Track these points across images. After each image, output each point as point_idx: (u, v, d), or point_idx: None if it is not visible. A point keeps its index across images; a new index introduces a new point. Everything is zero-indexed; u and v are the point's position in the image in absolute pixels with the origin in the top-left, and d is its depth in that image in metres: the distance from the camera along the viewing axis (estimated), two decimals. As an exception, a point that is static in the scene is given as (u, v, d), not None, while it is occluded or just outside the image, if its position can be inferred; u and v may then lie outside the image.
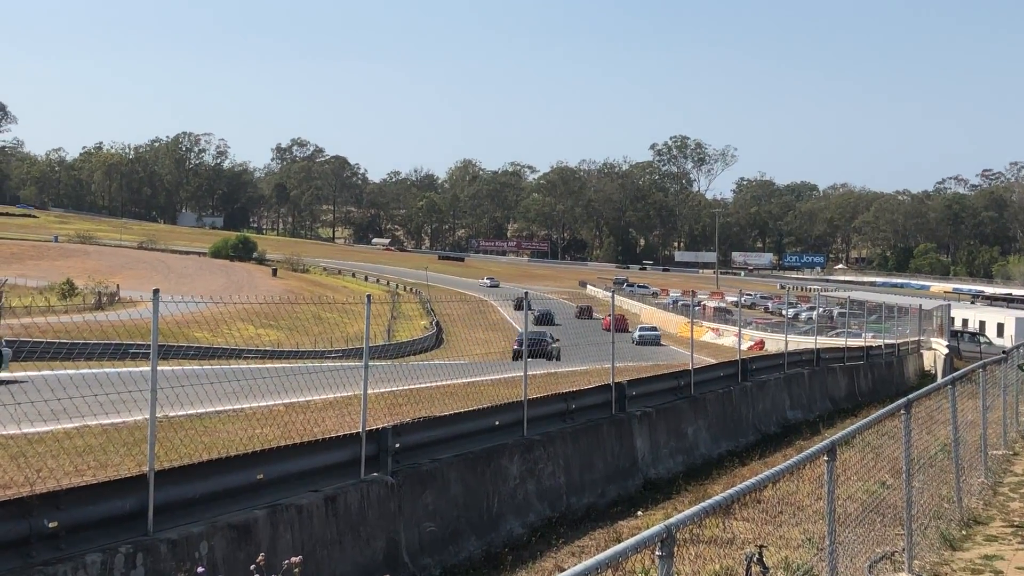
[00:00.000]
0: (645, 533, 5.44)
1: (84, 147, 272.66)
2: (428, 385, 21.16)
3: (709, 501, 6.29)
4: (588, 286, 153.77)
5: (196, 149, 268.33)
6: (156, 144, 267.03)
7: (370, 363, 13.23)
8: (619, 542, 5.39)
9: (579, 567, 4.76)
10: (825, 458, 8.37)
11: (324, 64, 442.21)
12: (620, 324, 72.49)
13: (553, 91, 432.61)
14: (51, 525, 8.92)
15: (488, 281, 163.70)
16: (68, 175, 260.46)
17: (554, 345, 34.10)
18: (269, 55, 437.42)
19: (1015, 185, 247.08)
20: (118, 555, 9.20)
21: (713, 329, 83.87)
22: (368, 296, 13.16)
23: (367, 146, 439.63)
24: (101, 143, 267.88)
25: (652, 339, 73.00)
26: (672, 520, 5.65)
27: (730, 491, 6.64)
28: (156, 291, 9.64)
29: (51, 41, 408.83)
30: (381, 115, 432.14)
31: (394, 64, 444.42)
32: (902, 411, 10.92)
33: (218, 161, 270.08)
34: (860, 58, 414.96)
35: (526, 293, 19.72)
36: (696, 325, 77.35)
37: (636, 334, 74.57)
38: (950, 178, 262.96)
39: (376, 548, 12.33)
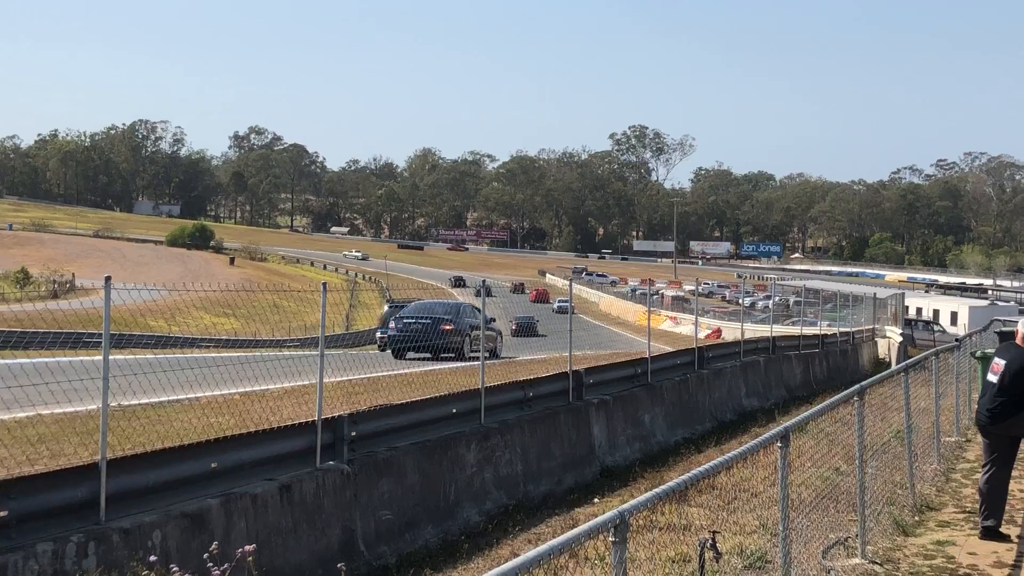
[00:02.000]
0: (599, 519, 5.45)
1: (39, 134, 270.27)
2: (386, 374, 21.13)
3: (662, 487, 6.31)
4: (548, 275, 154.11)
5: (153, 137, 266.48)
6: (112, 131, 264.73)
7: (329, 352, 13.19)
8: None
9: (532, 553, 4.76)
10: (779, 444, 8.41)
11: (282, 52, 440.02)
12: (543, 296, 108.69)
13: (512, 80, 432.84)
14: (1, 514, 8.83)
15: (357, 254, 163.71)
16: (23, 162, 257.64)
17: (537, 323, 45.83)
18: (226, 42, 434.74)
19: (969, 175, 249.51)
20: (70, 544, 9.11)
21: (671, 318, 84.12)
22: (324, 284, 13.12)
23: (326, 135, 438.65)
24: (56, 130, 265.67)
25: (567, 309, 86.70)
26: (625, 506, 5.66)
27: (683, 477, 6.66)
28: (108, 278, 9.56)
29: (3, 25, 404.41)
30: (340, 103, 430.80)
31: (352, 52, 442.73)
32: (855, 398, 11.00)
33: (175, 149, 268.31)
34: (816, 49, 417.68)
35: (483, 280, 19.75)
36: (654, 314, 77.61)
37: (555, 305, 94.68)
38: (905, 168, 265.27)
39: (332, 537, 12.29)
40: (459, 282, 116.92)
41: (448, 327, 29.70)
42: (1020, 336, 11.71)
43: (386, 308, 31.40)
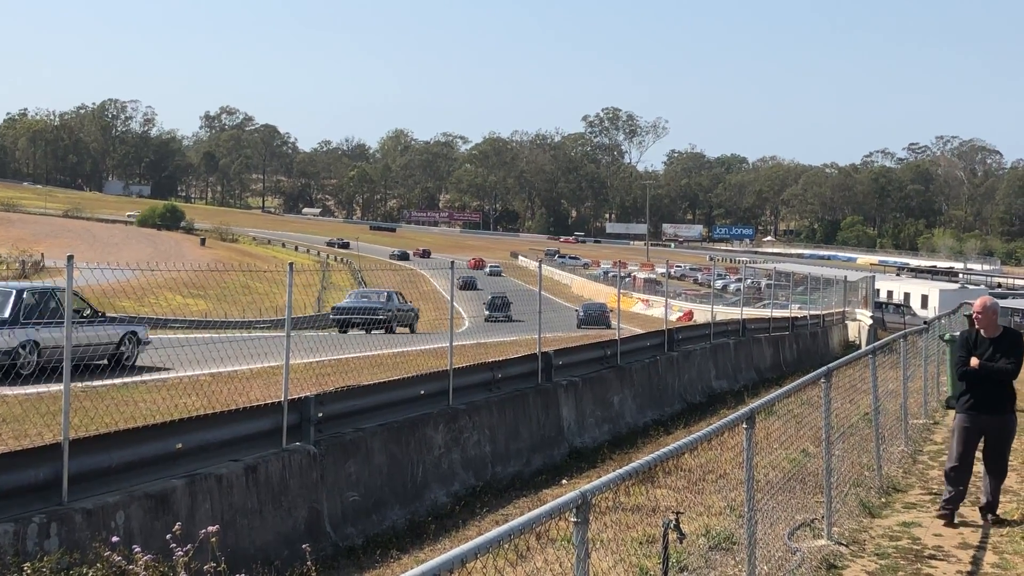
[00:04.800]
0: (560, 499, 5.41)
1: (8, 113, 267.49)
2: (356, 355, 21.07)
3: (624, 468, 6.27)
4: (520, 257, 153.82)
5: (123, 116, 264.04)
6: (82, 111, 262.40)
7: (300, 333, 13.12)
8: (543, 510, 5.36)
9: (492, 533, 4.72)
10: (744, 426, 8.39)
11: (253, 31, 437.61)
12: (480, 264, 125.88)
13: (485, 61, 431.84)
14: (-39, 495, 8.74)
15: (133, 214, 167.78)
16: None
17: (476, 280, 64.60)
18: (197, 22, 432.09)
19: (941, 159, 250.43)
20: (31, 525, 9.04)
21: (643, 300, 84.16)
22: (291, 264, 13.03)
23: (297, 115, 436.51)
24: (25, 109, 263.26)
25: (497, 271, 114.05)
26: (588, 486, 5.63)
27: (646, 458, 6.63)
28: (70, 257, 9.48)
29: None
30: (311, 84, 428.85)
31: (324, 32, 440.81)
32: (822, 380, 11.00)
33: (145, 129, 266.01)
34: (789, 32, 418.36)
35: (452, 261, 19.72)
36: (627, 296, 77.74)
37: (487, 268, 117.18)
38: (877, 151, 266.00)
39: (298, 517, 12.25)
40: (403, 256, 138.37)
41: (607, 313, 50.80)
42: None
43: (489, 296, 48.67)
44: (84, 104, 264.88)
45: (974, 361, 11.23)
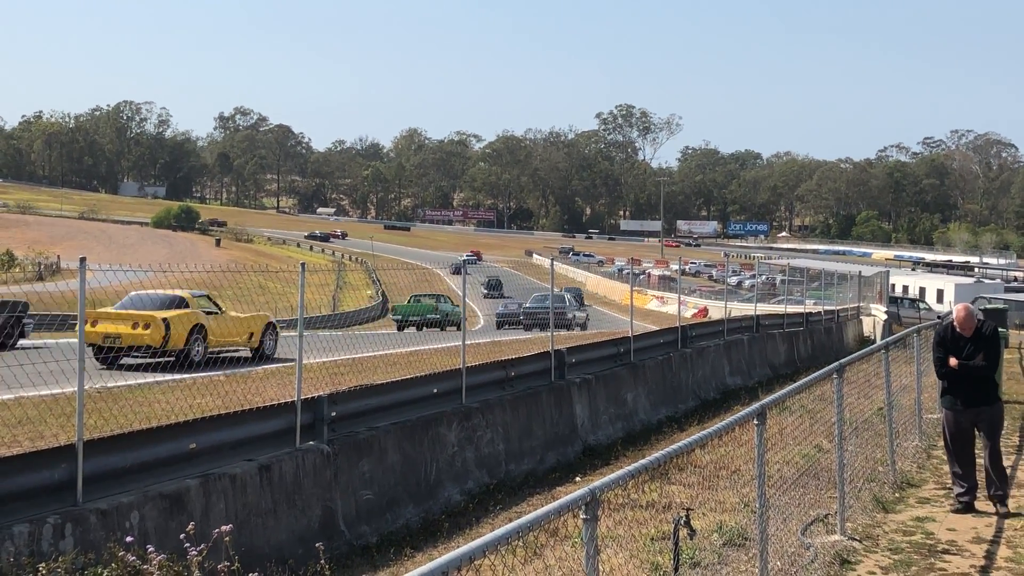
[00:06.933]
0: (569, 496, 5.44)
1: (23, 116, 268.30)
2: (371, 354, 21.12)
3: (633, 465, 6.30)
4: (534, 255, 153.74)
5: (137, 118, 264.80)
6: (97, 113, 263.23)
7: (315, 333, 13.15)
8: (555, 508, 5.40)
9: (500, 530, 4.76)
10: (755, 422, 8.39)
11: (266, 32, 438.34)
12: (477, 255, 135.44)
13: (498, 60, 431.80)
14: (-24, 496, 8.79)
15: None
16: (7, 144, 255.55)
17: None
18: (211, 22, 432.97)
19: (955, 153, 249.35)
20: (46, 525, 9.09)
21: (658, 297, 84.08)
22: (303, 264, 13.07)
23: (311, 115, 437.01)
24: (41, 112, 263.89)
25: (472, 261, 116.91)
26: (596, 483, 5.65)
27: (655, 455, 6.65)
28: (82, 259, 9.53)
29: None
30: (325, 84, 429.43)
31: (338, 33, 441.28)
32: (834, 375, 11.02)
33: (160, 130, 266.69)
34: (803, 27, 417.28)
35: (463, 260, 19.75)
36: (641, 293, 77.75)
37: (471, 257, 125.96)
38: (892, 146, 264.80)
39: (312, 517, 12.28)
40: (324, 238, 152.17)
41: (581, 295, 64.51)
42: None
43: (486, 279, 58.46)
44: (99, 106, 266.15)
45: (953, 361, 11.63)
